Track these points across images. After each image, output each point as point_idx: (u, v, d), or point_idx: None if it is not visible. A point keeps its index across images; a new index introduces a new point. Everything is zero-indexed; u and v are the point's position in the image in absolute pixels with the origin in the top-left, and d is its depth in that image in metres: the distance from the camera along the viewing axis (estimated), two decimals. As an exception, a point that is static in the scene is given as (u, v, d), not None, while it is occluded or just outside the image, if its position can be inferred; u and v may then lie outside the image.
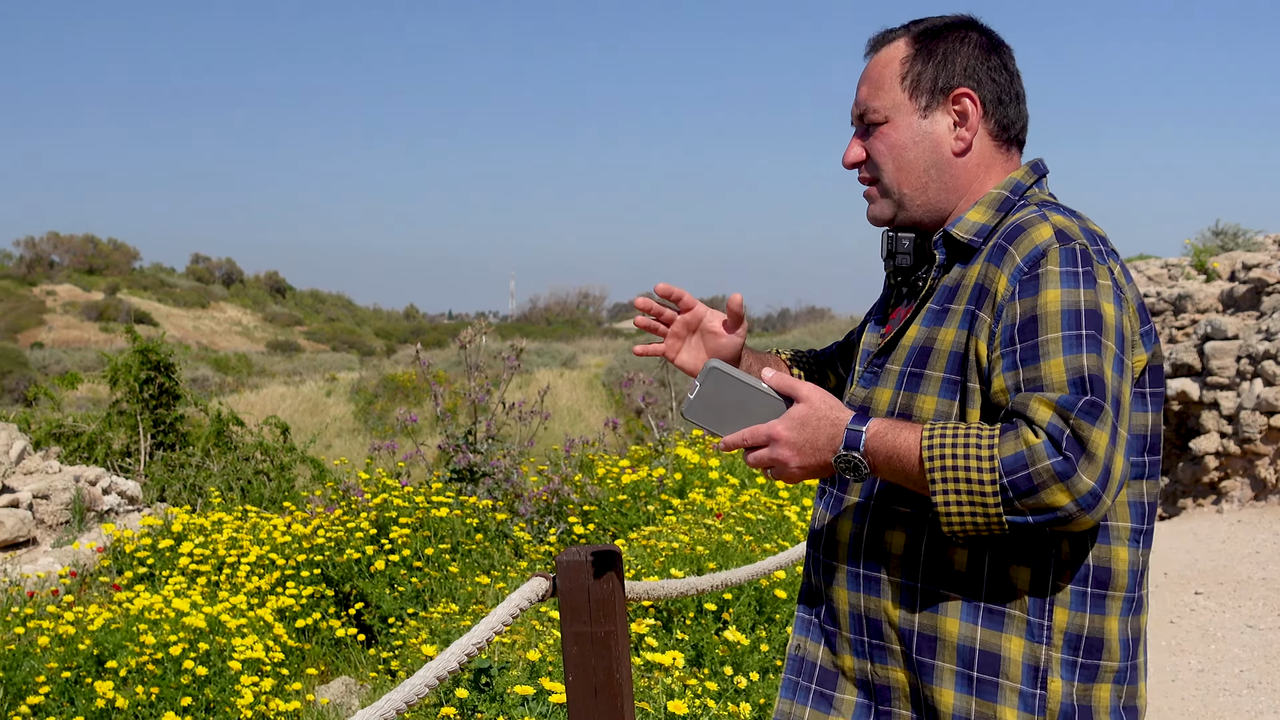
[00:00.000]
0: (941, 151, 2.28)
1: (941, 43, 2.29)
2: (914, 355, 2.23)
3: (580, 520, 8.19)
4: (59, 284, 68.76)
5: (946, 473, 1.99)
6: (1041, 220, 2.14)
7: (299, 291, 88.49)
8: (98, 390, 21.25)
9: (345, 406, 29.31)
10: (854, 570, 2.26)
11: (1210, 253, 15.43)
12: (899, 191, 2.30)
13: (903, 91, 2.28)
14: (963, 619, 2.14)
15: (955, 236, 2.24)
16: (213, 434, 12.33)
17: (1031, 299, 2.06)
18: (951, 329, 2.18)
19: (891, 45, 2.33)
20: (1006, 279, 2.10)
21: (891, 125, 2.29)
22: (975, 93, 2.28)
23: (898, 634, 2.20)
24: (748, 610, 5.84)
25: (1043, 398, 1.97)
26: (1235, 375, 12.90)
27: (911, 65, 2.28)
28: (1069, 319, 2.02)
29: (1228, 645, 7.94)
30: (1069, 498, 1.93)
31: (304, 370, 43.98)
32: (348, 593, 7.51)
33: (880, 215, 2.34)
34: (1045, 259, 2.08)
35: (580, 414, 27.04)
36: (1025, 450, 1.94)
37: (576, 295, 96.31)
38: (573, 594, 2.98)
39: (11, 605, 7.00)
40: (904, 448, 2.04)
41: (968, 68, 2.28)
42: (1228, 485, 12.82)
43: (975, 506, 1.98)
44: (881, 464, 2.07)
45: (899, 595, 2.20)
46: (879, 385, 2.28)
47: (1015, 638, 2.12)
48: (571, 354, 41.18)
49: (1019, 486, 1.94)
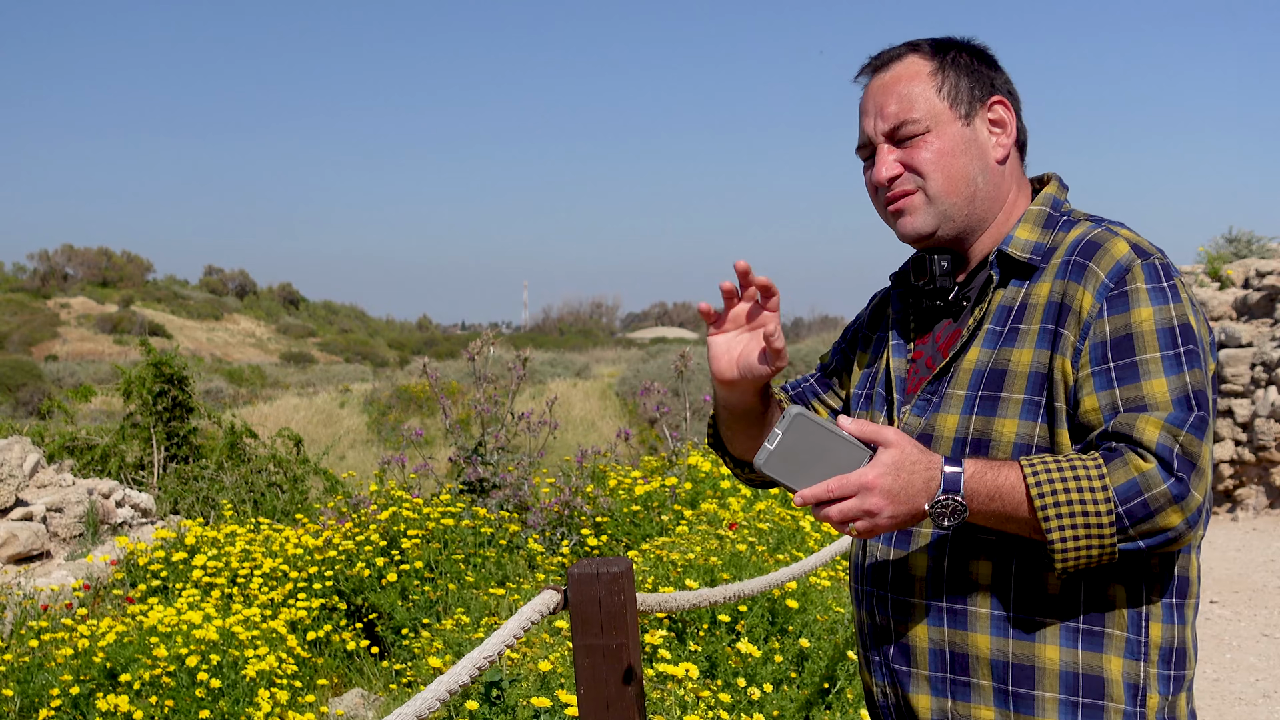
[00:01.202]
0: (987, 158, 2.25)
1: (960, 56, 2.27)
2: (983, 378, 2.16)
3: (593, 532, 8.18)
4: (73, 296, 68.98)
5: (1061, 509, 1.94)
6: (1113, 236, 2.12)
7: (312, 303, 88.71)
8: (111, 403, 21.31)
9: (358, 418, 29.32)
10: (936, 605, 2.17)
11: (1224, 260, 15.37)
12: (947, 201, 2.22)
13: (942, 101, 2.23)
14: (1062, 644, 2.08)
15: (1013, 255, 2.20)
16: (226, 446, 12.34)
17: (1123, 315, 2.04)
18: (1028, 349, 2.12)
19: (905, 61, 2.27)
20: (1092, 296, 2.07)
21: (935, 134, 2.22)
22: (1008, 102, 2.27)
23: (989, 667, 2.12)
24: (761, 622, 5.83)
25: (1149, 417, 1.96)
26: (1249, 383, 12.86)
27: (944, 76, 2.24)
28: (1165, 337, 2.01)
29: (1243, 654, 7.90)
30: (1181, 517, 1.93)
31: (317, 382, 44.03)
32: (360, 605, 7.51)
33: (922, 228, 2.24)
34: (1130, 275, 2.06)
35: (593, 424, 27.02)
36: (1138, 477, 1.92)
37: (589, 305, 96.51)
38: (584, 606, 2.97)
39: (26, 618, 7.01)
40: (1007, 486, 1.98)
41: (992, 79, 2.27)
42: (1243, 493, 12.77)
43: (1092, 540, 1.94)
44: (981, 505, 2.00)
45: (990, 626, 2.12)
46: (941, 412, 2.19)
47: (1115, 657, 2.08)
48: (584, 364, 41.19)
49: (1135, 514, 1.92)
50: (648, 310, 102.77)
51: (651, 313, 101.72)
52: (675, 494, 8.57)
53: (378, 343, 74.64)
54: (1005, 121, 2.26)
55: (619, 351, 52.44)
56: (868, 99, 2.29)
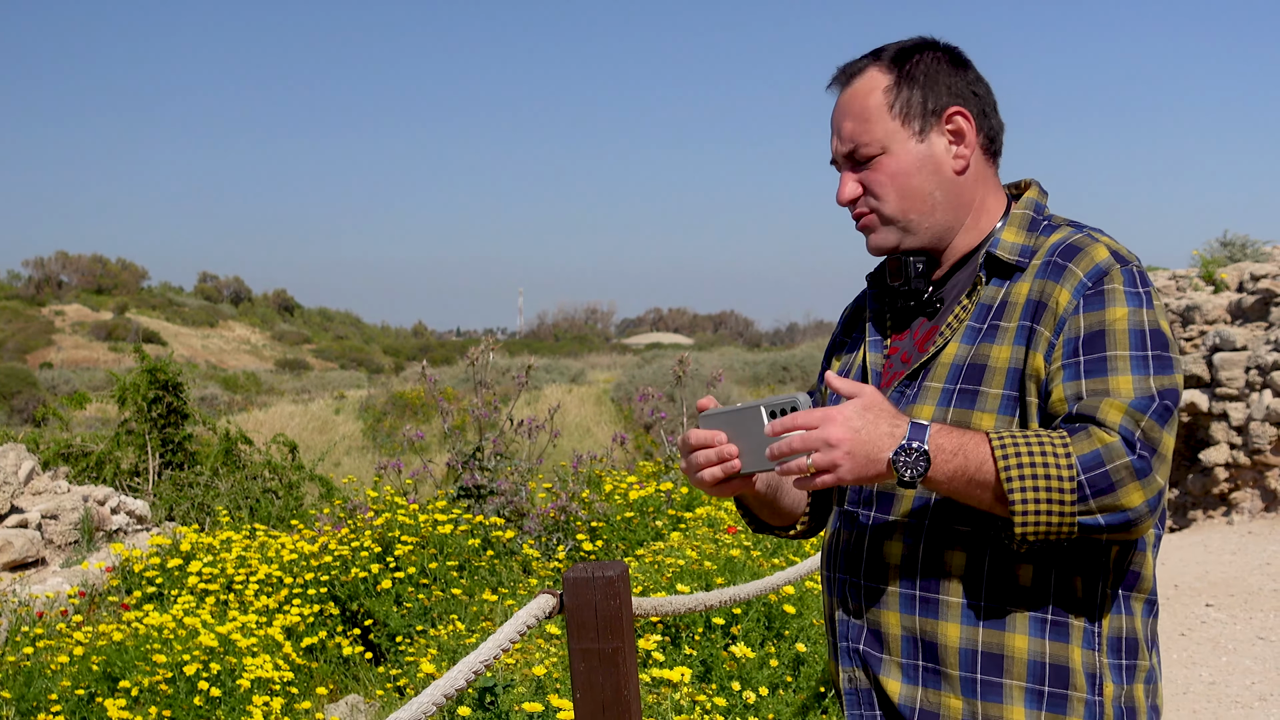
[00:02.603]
0: (944, 172, 2.28)
1: (919, 65, 2.29)
2: (961, 372, 2.19)
3: (589, 537, 8.18)
4: (67, 304, 68.94)
5: (1024, 469, 1.96)
6: (1093, 240, 2.17)
7: (307, 310, 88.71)
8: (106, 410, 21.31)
9: (354, 424, 29.32)
10: (908, 592, 2.20)
11: (1218, 264, 15.39)
12: (905, 218, 2.28)
13: (894, 119, 2.26)
14: (1031, 634, 2.12)
15: (1000, 257, 2.24)
16: (221, 453, 12.34)
17: (1098, 313, 2.09)
18: (1006, 346, 2.17)
19: (865, 76, 2.30)
20: (1069, 293, 2.12)
21: (889, 155, 2.26)
22: (966, 109, 2.29)
23: (957, 656, 2.15)
24: (756, 626, 5.83)
25: (1113, 401, 2.00)
26: (1244, 386, 12.88)
27: (898, 91, 2.27)
28: (1136, 338, 2.06)
29: (1239, 657, 7.91)
30: (1143, 497, 1.96)
31: (312, 388, 44.01)
32: (355, 611, 7.51)
33: (884, 244, 2.31)
34: (1108, 277, 2.11)
35: (589, 430, 27.04)
36: (1102, 448, 1.95)
37: (584, 311, 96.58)
38: (580, 611, 2.98)
39: (21, 625, 7.01)
40: (971, 445, 2.01)
41: (951, 86, 2.28)
42: (1238, 496, 12.79)
43: (1053, 505, 1.96)
44: (944, 462, 2.01)
45: (961, 615, 2.15)
46: (917, 403, 2.22)
47: (1076, 647, 2.12)
48: (580, 370, 41.17)
49: (1097, 484, 1.95)
50: (643, 316, 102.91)
51: (647, 318, 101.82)
52: (671, 499, 8.57)
53: (373, 349, 74.65)
54: (964, 131, 2.28)
55: (614, 357, 52.45)
56: (833, 115, 2.35)
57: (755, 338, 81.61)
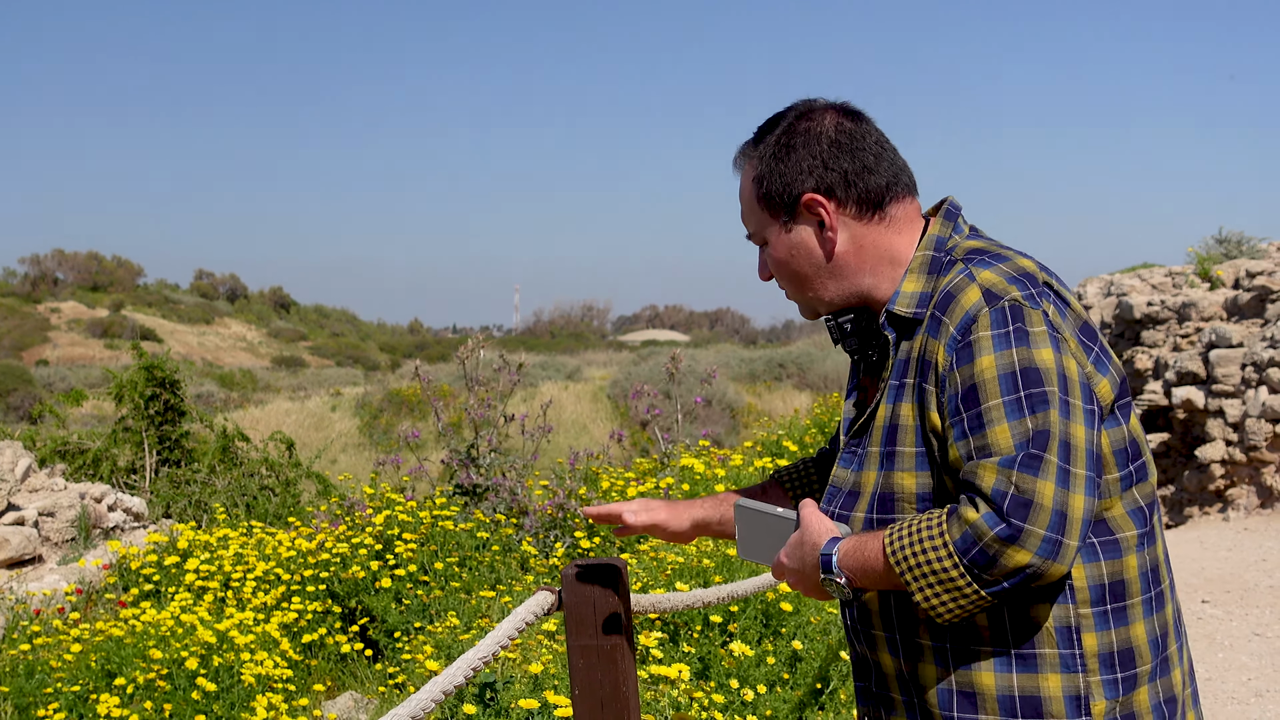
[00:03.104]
0: (816, 257, 2.31)
1: (776, 149, 2.30)
2: (886, 434, 2.24)
3: (586, 534, 8.18)
4: (63, 301, 68.84)
5: (915, 571, 2.04)
6: (969, 282, 2.15)
7: (303, 307, 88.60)
8: (103, 407, 21.29)
9: (350, 421, 29.32)
10: (890, 636, 2.27)
11: (1214, 260, 15.40)
12: (804, 297, 2.36)
13: (764, 211, 2.33)
14: (997, 670, 2.16)
15: (899, 314, 2.24)
16: (218, 450, 12.34)
17: (969, 366, 2.09)
18: (909, 403, 2.21)
19: (747, 165, 2.36)
20: (944, 349, 2.13)
21: (771, 245, 2.34)
22: (819, 192, 2.27)
23: (936, 695, 2.21)
24: (754, 623, 5.84)
25: (987, 463, 2.02)
26: (1240, 383, 12.89)
27: (761, 185, 2.32)
28: (1006, 383, 2.05)
29: (1235, 653, 7.92)
30: (1028, 555, 1.97)
31: (309, 385, 44.01)
32: (354, 608, 7.51)
33: (805, 315, 2.41)
34: (976, 324, 2.10)
35: (585, 427, 27.04)
36: (969, 529, 1.99)
37: (581, 308, 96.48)
38: (578, 607, 2.98)
39: (18, 622, 7.01)
40: (871, 559, 2.11)
41: (806, 167, 2.28)
42: (1234, 493, 12.80)
43: (953, 593, 2.03)
44: (860, 580, 2.13)
45: (934, 657, 2.21)
46: (864, 469, 2.29)
47: (1051, 675, 2.14)
48: (576, 367, 41.16)
49: (978, 562, 1.99)
50: (639, 313, 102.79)
51: (643, 315, 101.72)
52: (669, 495, 8.57)
53: (369, 346, 74.59)
54: (823, 216, 2.28)
55: (610, 354, 52.41)
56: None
57: (751, 335, 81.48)
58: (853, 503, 2.29)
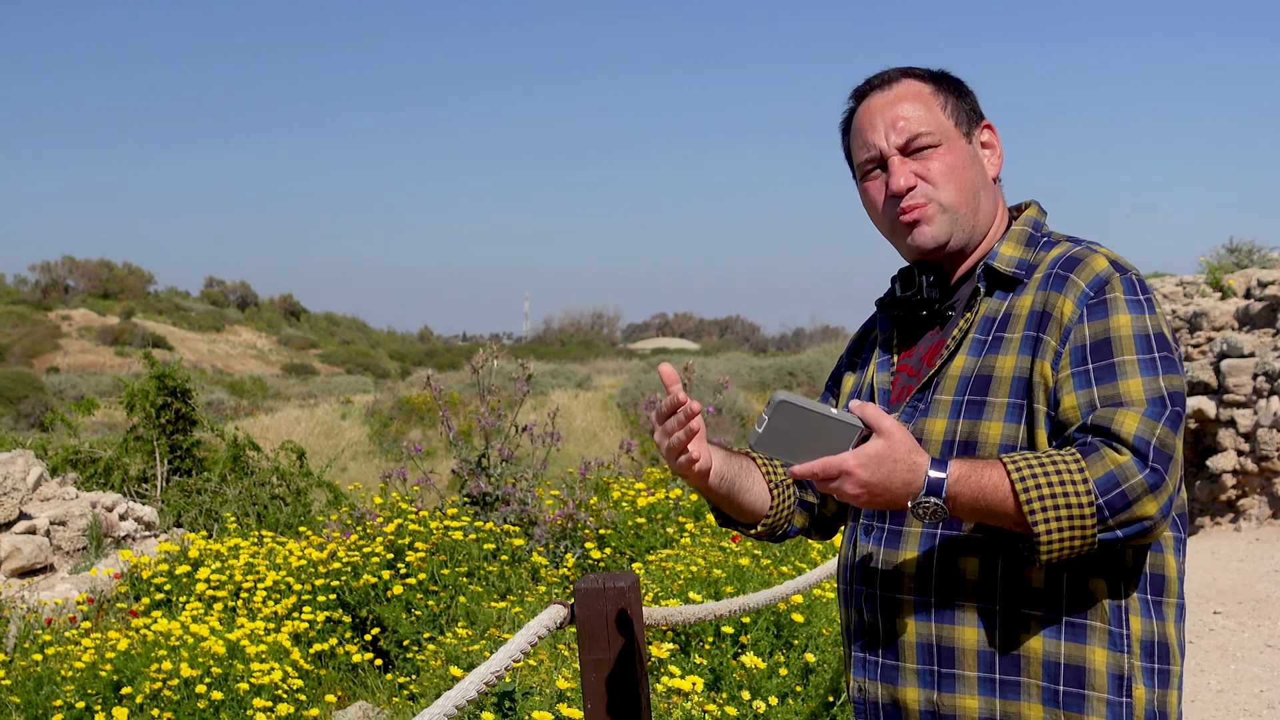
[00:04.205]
0: (985, 175, 2.39)
1: (951, 82, 2.41)
2: (969, 384, 2.26)
3: (596, 544, 8.18)
4: (74, 308, 69.05)
5: (1045, 502, 2.02)
6: (1092, 252, 2.24)
7: (313, 314, 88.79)
8: (114, 415, 21.31)
9: (360, 429, 29.35)
10: (924, 600, 2.25)
11: (1225, 270, 15.37)
12: (958, 211, 2.34)
13: (948, 118, 2.35)
14: (1046, 635, 2.17)
15: (999, 269, 2.31)
16: (229, 459, 12.35)
17: (1102, 321, 2.15)
18: (1011, 355, 2.23)
19: (905, 82, 2.39)
20: (1073, 303, 2.18)
21: (946, 147, 2.34)
22: (993, 126, 2.42)
23: (975, 658, 2.20)
24: (765, 635, 5.83)
25: (1126, 411, 2.06)
26: (1252, 393, 12.86)
27: (945, 96, 2.37)
28: (1142, 342, 2.13)
29: (1247, 665, 7.90)
30: (1156, 506, 2.02)
31: (319, 393, 44.05)
32: (364, 617, 7.51)
33: (940, 235, 2.34)
34: (1109, 285, 2.17)
35: (595, 435, 27.04)
36: (1115, 469, 2.02)
37: (590, 316, 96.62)
38: (590, 621, 2.98)
39: (29, 632, 7.02)
40: (990, 485, 2.06)
41: (976, 105, 2.42)
42: (1245, 503, 12.77)
43: (1075, 530, 2.03)
44: (965, 505, 2.08)
45: (978, 620, 2.21)
46: (929, 416, 2.29)
47: (1099, 648, 2.17)
48: (586, 375, 41.15)
49: (1114, 505, 2.01)
50: (649, 321, 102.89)
51: (653, 323, 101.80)
52: (679, 506, 8.57)
53: (379, 354, 74.73)
54: (994, 144, 2.42)
55: (620, 362, 52.38)
56: (873, 115, 2.37)
57: (761, 343, 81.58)
58: None
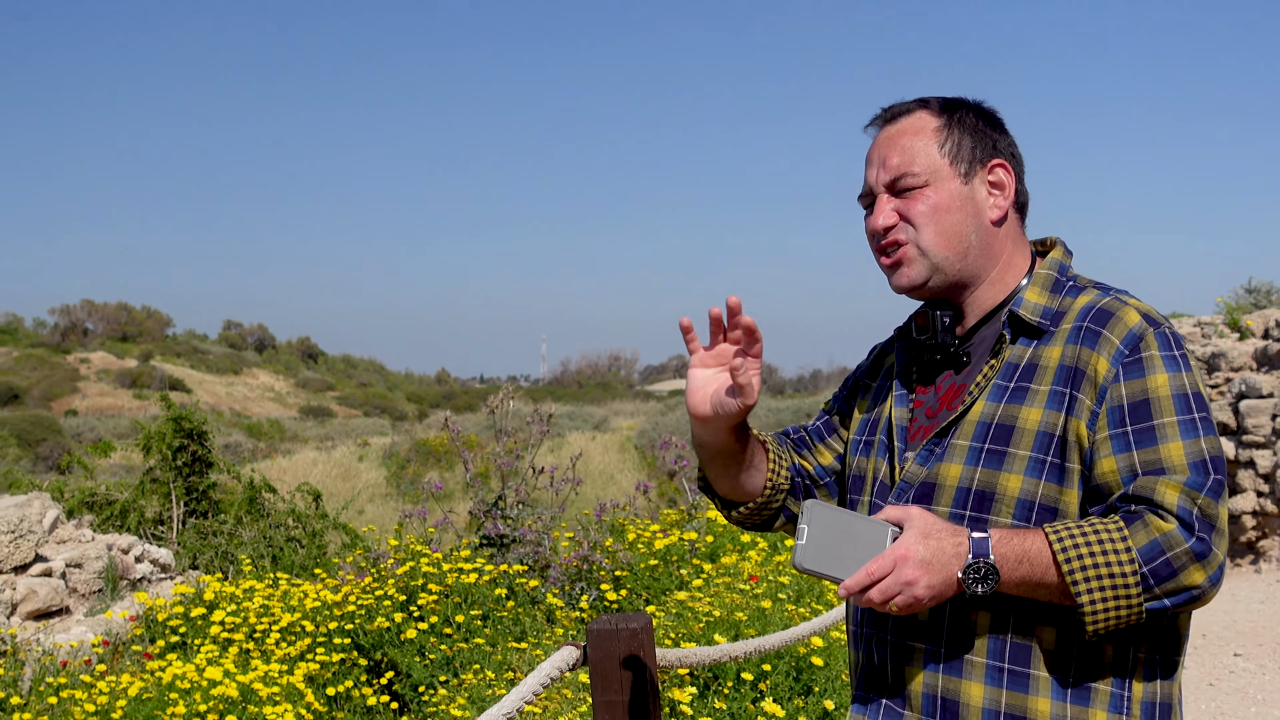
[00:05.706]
0: (981, 218, 2.30)
1: (967, 115, 2.34)
2: (989, 431, 2.21)
3: (612, 586, 8.15)
4: (93, 351, 69.26)
5: (1089, 572, 2.00)
6: (1123, 305, 2.19)
7: (331, 357, 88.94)
8: (131, 458, 21.36)
9: (377, 472, 29.33)
10: (934, 650, 2.21)
11: (1243, 310, 15.33)
12: (939, 254, 2.28)
13: (942, 157, 2.29)
14: (1053, 698, 2.13)
15: (1024, 318, 2.25)
16: (245, 501, 12.34)
17: (1140, 381, 2.11)
18: (1037, 408, 2.17)
19: (913, 116, 2.34)
20: (1108, 361, 2.13)
21: (932, 188, 2.28)
22: (1009, 165, 2.33)
23: (979, 716, 2.16)
24: (785, 680, 5.79)
25: (1168, 480, 2.02)
26: (1271, 434, 12.80)
27: (949, 133, 2.31)
28: (1180, 403, 2.08)
29: (1269, 708, 7.83)
30: (1205, 575, 1.99)
31: (336, 435, 44.10)
32: (379, 660, 7.48)
33: (916, 278, 2.30)
34: (1145, 342, 2.13)
35: (612, 477, 26.98)
36: (1160, 538, 1.99)
37: (608, 358, 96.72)
38: (603, 663, 2.97)
39: (45, 675, 7.00)
40: (1034, 551, 2.04)
41: (995, 141, 2.33)
42: (1265, 545, 12.69)
43: (1120, 601, 2.00)
44: (1011, 570, 2.04)
45: (985, 675, 2.16)
46: (945, 461, 2.24)
47: (1100, 711, 2.13)
48: (603, 417, 41.19)
49: (1159, 574, 1.98)
50: (666, 363, 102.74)
51: (670, 365, 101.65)
52: (695, 548, 8.54)
53: (396, 396, 74.77)
54: (1004, 184, 2.32)
55: (637, 404, 52.46)
56: (874, 149, 2.36)
57: (779, 385, 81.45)
58: (928, 495, 2.23)
